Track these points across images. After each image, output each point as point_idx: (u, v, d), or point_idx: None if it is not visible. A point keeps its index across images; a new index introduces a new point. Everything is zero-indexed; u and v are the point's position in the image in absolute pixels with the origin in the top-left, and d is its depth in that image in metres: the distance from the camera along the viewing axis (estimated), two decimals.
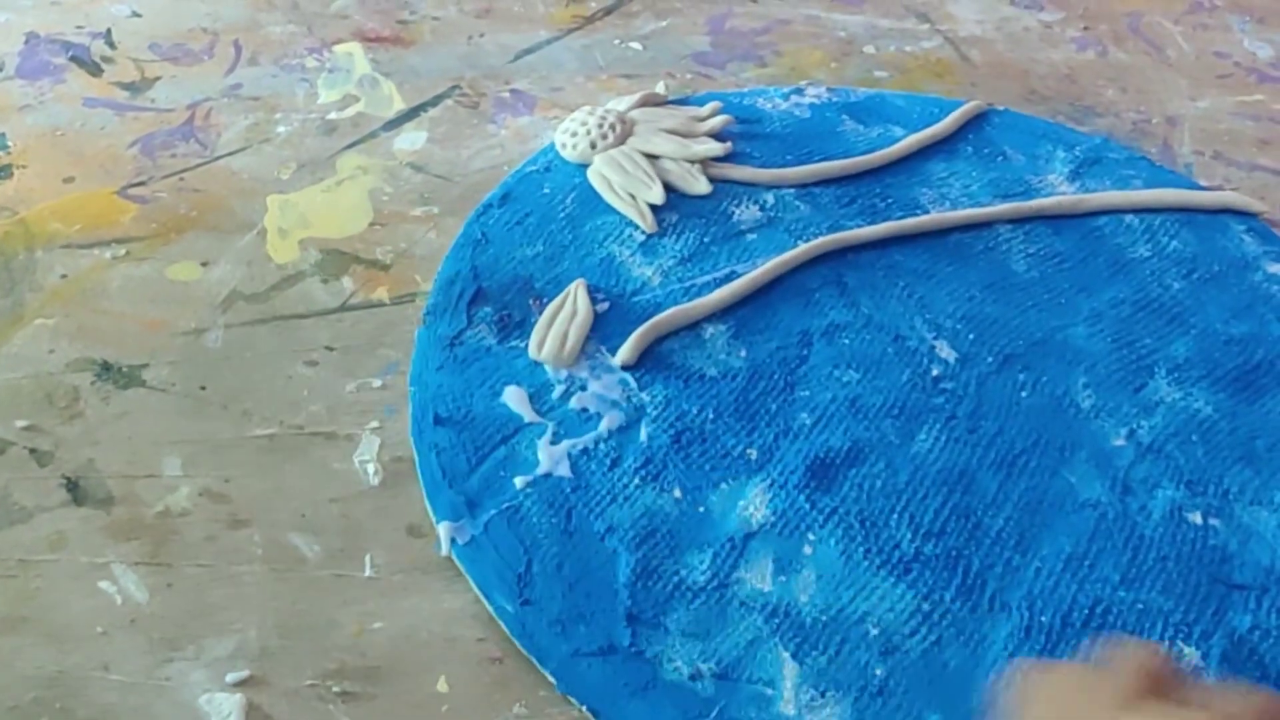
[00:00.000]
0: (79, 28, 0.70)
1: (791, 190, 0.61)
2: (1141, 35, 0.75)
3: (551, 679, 0.42)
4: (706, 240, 0.58)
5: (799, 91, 0.68)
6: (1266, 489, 0.49)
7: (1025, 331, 0.54)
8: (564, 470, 0.48)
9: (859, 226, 0.59)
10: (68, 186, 0.60)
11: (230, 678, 0.42)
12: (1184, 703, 0.33)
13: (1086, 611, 0.45)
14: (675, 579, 0.45)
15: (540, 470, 0.48)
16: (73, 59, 0.67)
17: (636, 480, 0.48)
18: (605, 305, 0.54)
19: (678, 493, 0.48)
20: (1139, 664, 0.34)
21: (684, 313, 0.54)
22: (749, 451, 0.49)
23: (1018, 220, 0.61)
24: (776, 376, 0.52)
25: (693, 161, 0.61)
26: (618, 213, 0.59)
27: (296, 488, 0.47)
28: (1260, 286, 0.58)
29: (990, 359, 0.53)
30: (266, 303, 0.55)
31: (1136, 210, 0.62)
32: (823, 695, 0.42)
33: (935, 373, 0.52)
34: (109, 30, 0.70)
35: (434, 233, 0.58)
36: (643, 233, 0.58)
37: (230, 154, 0.62)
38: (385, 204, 0.60)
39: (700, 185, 0.60)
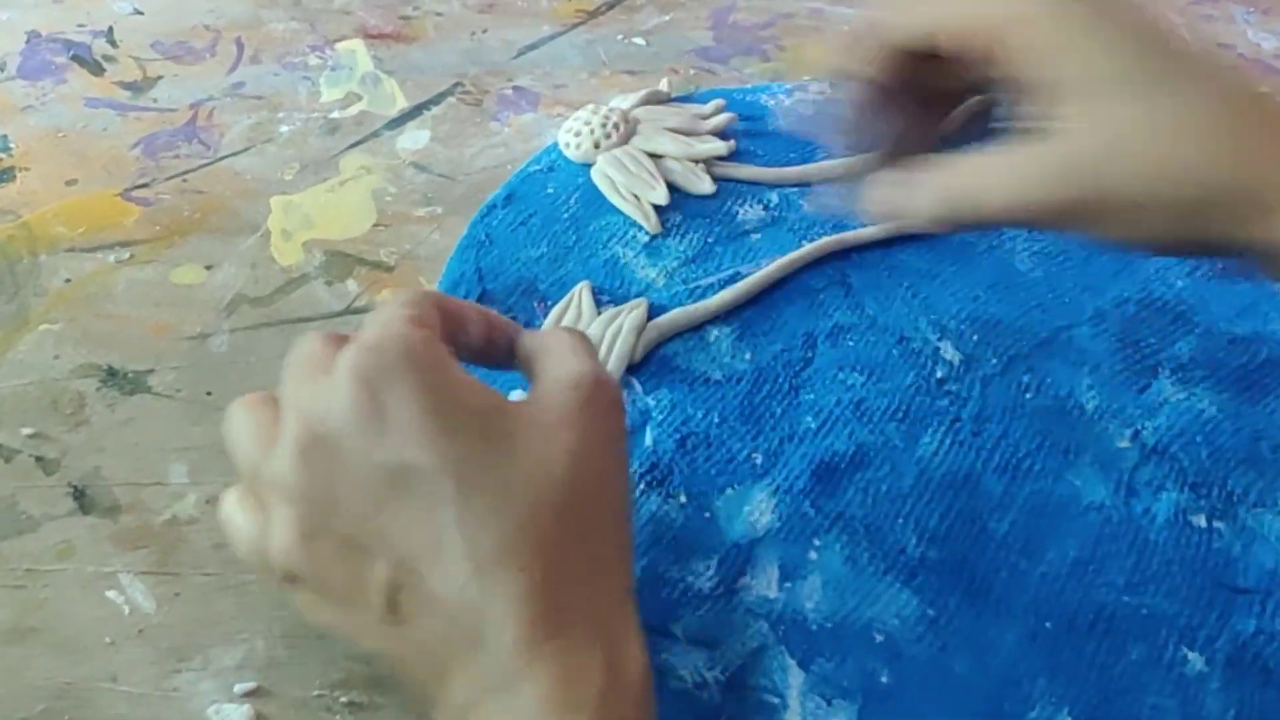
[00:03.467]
0: (80, 26, 0.70)
1: (795, 189, 0.61)
2: None
3: None
4: (710, 240, 0.58)
5: (803, 89, 0.67)
6: (1270, 491, 0.49)
7: (1029, 332, 0.54)
8: None
9: (863, 226, 0.58)
10: (71, 189, 0.59)
11: (238, 688, 0.42)
12: None
13: (1092, 616, 0.45)
14: (682, 586, 0.45)
15: None
16: (74, 58, 0.67)
17: (642, 485, 0.48)
18: (610, 308, 0.54)
19: (683, 498, 0.48)
20: None
21: (688, 315, 0.54)
22: (754, 456, 0.49)
23: None
24: (781, 380, 0.52)
25: (696, 161, 0.61)
26: (622, 213, 0.59)
27: None
28: (1263, 284, 0.58)
29: (994, 360, 0.53)
30: (271, 306, 0.55)
31: None
32: (829, 703, 0.42)
33: (940, 375, 0.52)
34: (110, 28, 0.70)
35: (438, 234, 0.58)
36: (647, 233, 0.58)
37: (233, 154, 0.62)
38: (389, 204, 0.60)
39: (704, 185, 0.60)
